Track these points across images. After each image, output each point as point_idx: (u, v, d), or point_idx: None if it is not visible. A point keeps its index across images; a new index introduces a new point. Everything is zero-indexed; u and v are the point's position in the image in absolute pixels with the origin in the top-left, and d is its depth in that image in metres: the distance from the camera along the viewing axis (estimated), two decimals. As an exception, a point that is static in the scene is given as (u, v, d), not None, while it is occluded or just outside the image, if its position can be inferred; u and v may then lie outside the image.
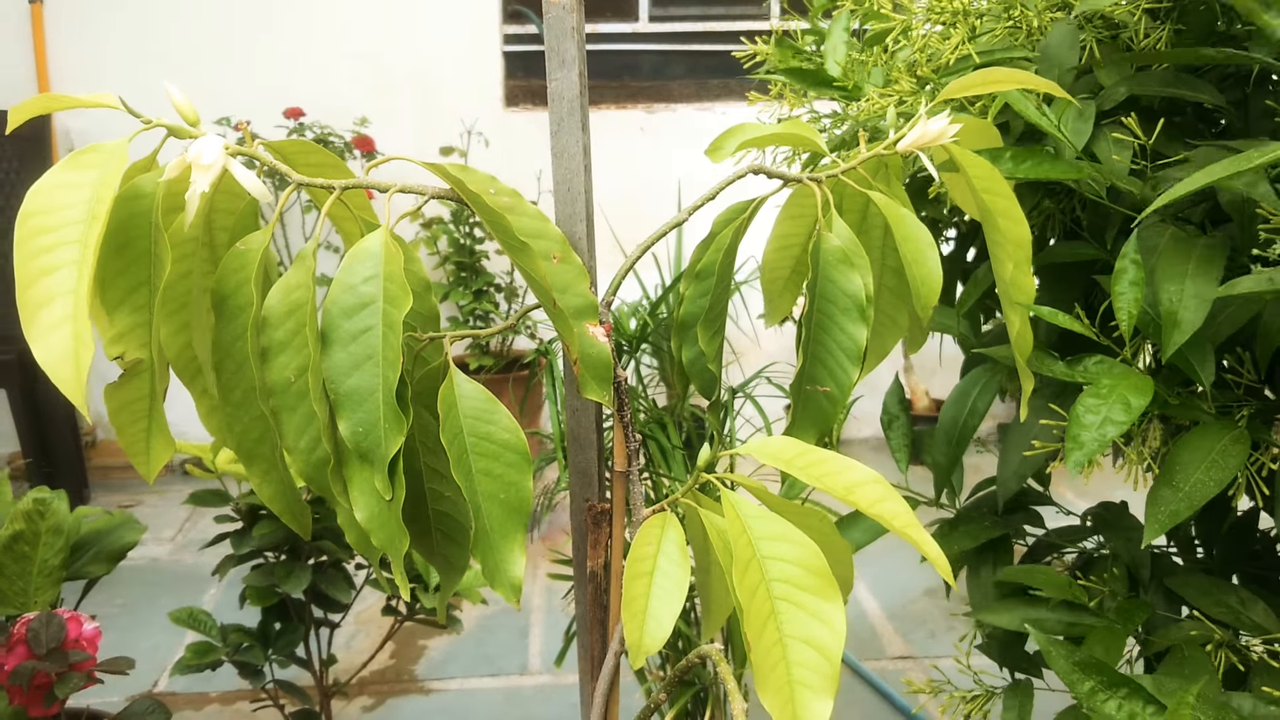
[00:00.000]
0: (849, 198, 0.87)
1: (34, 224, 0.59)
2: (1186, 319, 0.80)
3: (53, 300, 0.58)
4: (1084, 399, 0.82)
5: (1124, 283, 0.83)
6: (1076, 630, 0.97)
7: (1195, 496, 0.79)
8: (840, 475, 0.67)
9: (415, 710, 2.19)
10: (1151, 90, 0.90)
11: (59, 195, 0.60)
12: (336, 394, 0.65)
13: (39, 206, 0.59)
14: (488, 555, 0.70)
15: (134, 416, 0.71)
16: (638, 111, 3.72)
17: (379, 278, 0.66)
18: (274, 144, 0.71)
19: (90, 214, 0.59)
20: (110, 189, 0.60)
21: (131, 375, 0.69)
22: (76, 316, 0.58)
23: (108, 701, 1.76)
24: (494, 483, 0.70)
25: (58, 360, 0.57)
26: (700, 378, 0.86)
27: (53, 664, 1.21)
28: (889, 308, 0.91)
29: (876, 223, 0.86)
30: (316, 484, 0.69)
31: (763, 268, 0.92)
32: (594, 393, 0.74)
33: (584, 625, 0.85)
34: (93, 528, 1.43)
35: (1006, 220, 0.78)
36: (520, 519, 0.71)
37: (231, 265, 0.67)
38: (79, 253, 0.59)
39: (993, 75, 0.75)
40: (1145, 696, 0.80)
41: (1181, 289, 0.81)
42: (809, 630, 0.63)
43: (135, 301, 0.67)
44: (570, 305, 0.73)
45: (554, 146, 0.78)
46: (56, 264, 0.58)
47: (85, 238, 0.59)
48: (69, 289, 0.58)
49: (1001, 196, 0.77)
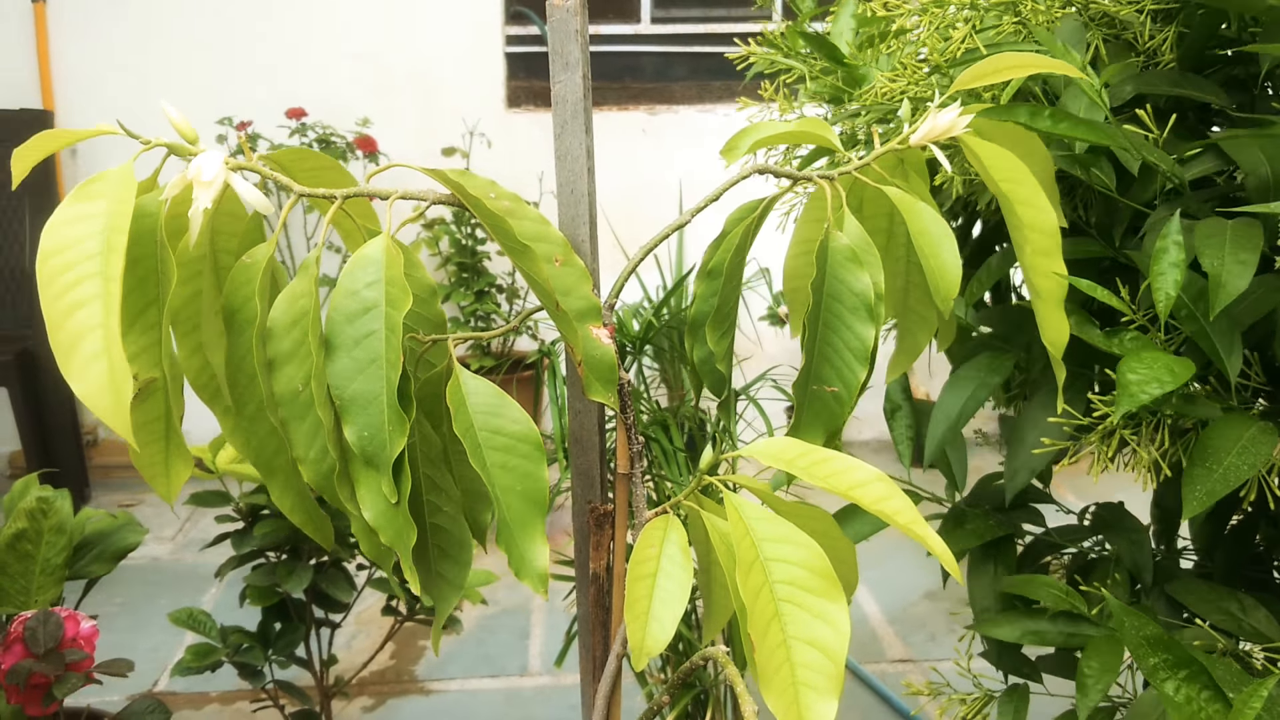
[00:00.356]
0: (870, 200, 0.87)
1: (54, 264, 0.59)
2: (1231, 281, 0.79)
3: (84, 337, 0.58)
4: (1128, 361, 0.81)
5: (1164, 263, 0.81)
6: (1076, 641, 0.97)
7: (1230, 476, 0.78)
8: (844, 475, 0.67)
9: (415, 711, 2.19)
10: (1159, 90, 0.89)
11: (73, 229, 0.60)
12: (341, 399, 0.65)
13: (56, 245, 0.60)
14: (512, 547, 0.71)
15: (151, 437, 0.71)
16: (640, 113, 3.72)
17: (381, 282, 0.66)
18: (271, 155, 0.71)
19: (107, 245, 0.59)
20: (124, 218, 0.60)
21: (146, 395, 0.69)
22: (110, 349, 0.58)
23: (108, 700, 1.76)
24: (510, 475, 0.70)
25: (97, 393, 0.58)
26: (710, 377, 0.86)
27: (50, 664, 1.21)
28: (919, 305, 0.90)
29: (904, 222, 0.86)
30: (327, 493, 0.69)
31: (785, 275, 0.91)
32: (599, 394, 0.74)
33: (586, 627, 0.85)
34: (96, 529, 1.43)
35: (1026, 207, 0.77)
36: (538, 509, 0.71)
37: (238, 279, 0.67)
38: (101, 285, 0.59)
39: (1007, 60, 0.74)
40: (1206, 682, 0.79)
41: (1222, 255, 0.80)
42: (813, 631, 0.63)
43: (146, 321, 0.67)
44: (573, 308, 0.74)
45: (557, 149, 0.78)
46: (82, 300, 0.59)
47: (106, 270, 0.59)
48: (98, 323, 0.58)
49: (1023, 185, 0.76)
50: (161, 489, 0.73)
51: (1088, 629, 0.97)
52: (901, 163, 0.87)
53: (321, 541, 0.77)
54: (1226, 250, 0.81)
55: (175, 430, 0.71)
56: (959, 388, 1.03)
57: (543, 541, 0.71)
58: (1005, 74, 0.76)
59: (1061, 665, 1.10)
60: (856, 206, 0.88)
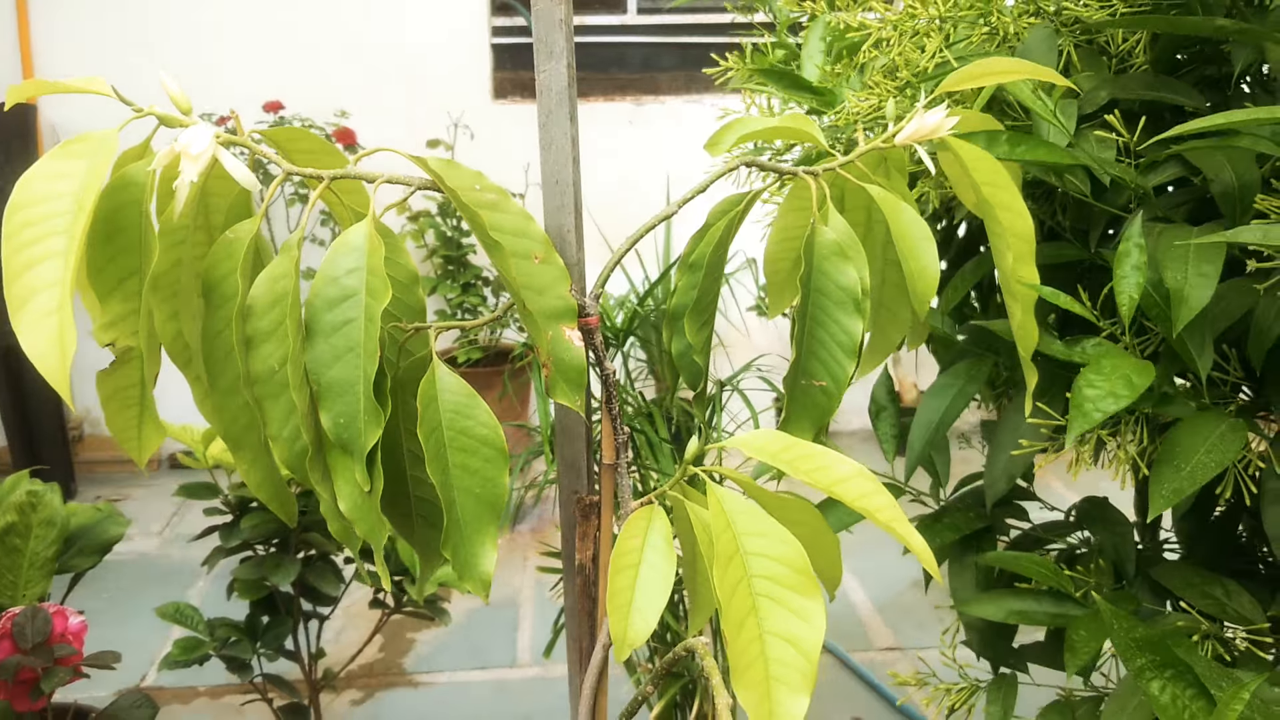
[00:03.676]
0: (851, 194, 0.87)
1: (21, 217, 0.59)
2: (1194, 295, 0.80)
3: (39, 293, 0.58)
4: (1086, 374, 0.82)
5: (1126, 266, 0.82)
6: (1061, 621, 0.97)
7: (1197, 475, 0.79)
8: (827, 470, 0.67)
9: (404, 703, 2.19)
10: (1132, 94, 0.90)
11: (47, 185, 0.60)
12: (319, 385, 0.65)
13: (26, 198, 0.60)
14: (459, 549, 0.71)
15: (125, 403, 0.71)
16: (626, 104, 3.71)
17: (362, 270, 0.66)
18: (266, 132, 0.71)
19: (77, 205, 0.59)
20: (98, 179, 0.60)
21: (123, 363, 0.69)
22: (62, 308, 0.58)
23: (94, 696, 1.76)
24: (470, 477, 0.71)
25: (44, 351, 0.58)
26: (688, 370, 0.86)
27: (38, 658, 1.20)
28: (893, 303, 0.91)
29: (881, 217, 0.86)
30: (299, 472, 0.69)
31: (765, 259, 0.92)
32: (564, 396, 0.74)
33: (572, 617, 0.85)
34: (80, 522, 1.42)
35: (1008, 213, 0.77)
36: (493, 513, 0.71)
37: (220, 254, 0.67)
38: (65, 244, 0.59)
39: (993, 65, 0.75)
40: (1191, 681, 0.80)
41: (1185, 269, 0.81)
42: (788, 627, 0.63)
43: (126, 290, 0.67)
44: (547, 307, 0.73)
45: (542, 138, 0.78)
46: (43, 255, 0.59)
47: (71, 229, 0.59)
48: (55, 280, 0.58)
49: (1002, 189, 0.77)
50: (134, 452, 0.73)
51: (1074, 609, 0.97)
52: (884, 160, 0.87)
53: (286, 519, 0.78)
54: (1190, 264, 0.82)
55: (149, 398, 0.72)
56: (939, 395, 1.04)
57: (492, 546, 0.71)
58: (990, 79, 0.77)
59: (1046, 654, 1.10)
60: (838, 200, 0.88)
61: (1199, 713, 0.79)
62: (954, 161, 0.79)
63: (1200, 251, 0.81)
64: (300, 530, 1.61)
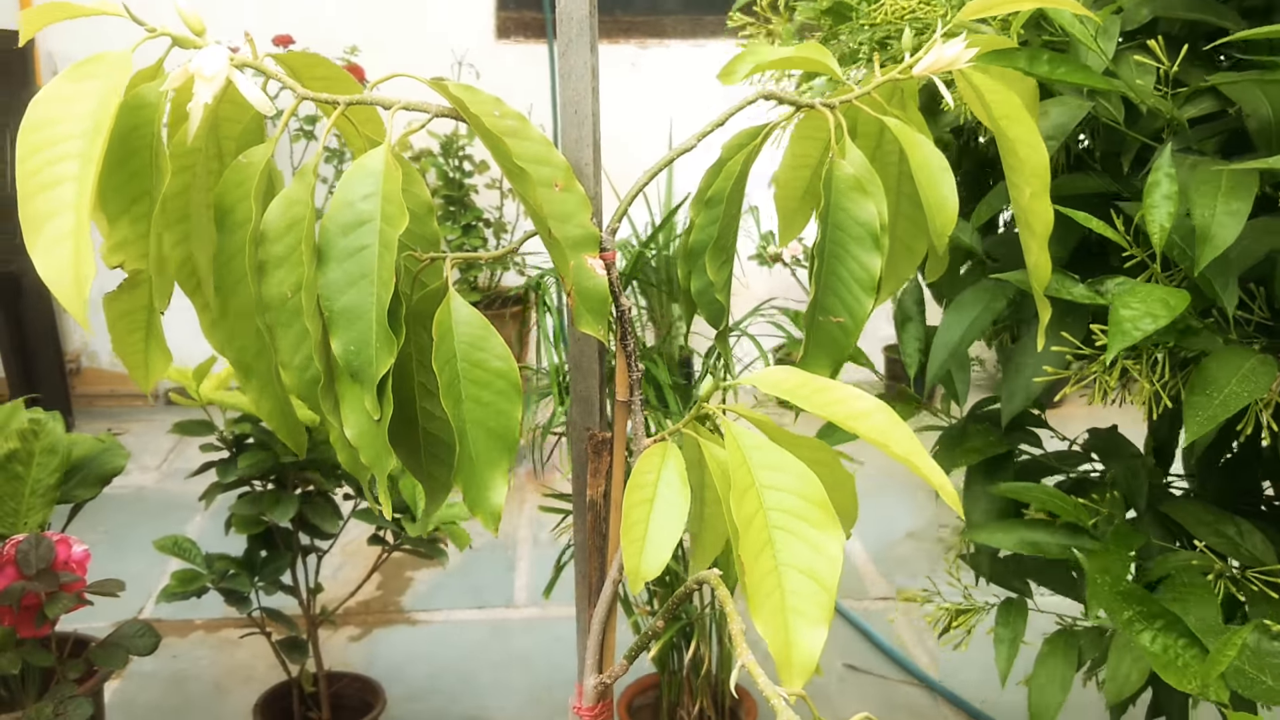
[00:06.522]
0: (863, 123, 0.86)
1: (36, 138, 0.58)
2: (1219, 234, 0.79)
3: (55, 216, 0.57)
4: (1122, 298, 0.81)
5: (1156, 196, 0.81)
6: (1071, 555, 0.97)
7: (1230, 403, 0.79)
8: (844, 404, 0.67)
9: (401, 640, 2.21)
10: (1174, 12, 0.88)
11: (61, 107, 0.59)
12: (331, 311, 0.65)
13: (41, 119, 0.58)
14: (470, 481, 0.70)
15: (132, 326, 0.71)
16: (630, 47, 3.66)
17: (378, 195, 0.65)
18: (280, 56, 0.70)
19: (94, 125, 0.58)
20: (114, 99, 0.59)
21: (131, 286, 0.69)
22: (78, 231, 0.57)
23: (94, 627, 1.76)
24: (483, 410, 0.70)
25: (59, 274, 0.57)
26: (709, 308, 0.85)
27: (42, 584, 1.21)
28: (906, 235, 0.90)
29: (892, 149, 0.85)
30: (309, 400, 0.69)
31: (776, 186, 0.91)
32: (588, 326, 0.73)
33: (582, 553, 0.85)
34: (82, 453, 1.42)
35: (1025, 147, 0.76)
36: (506, 448, 0.70)
37: (233, 179, 0.66)
38: (80, 167, 0.58)
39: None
40: (1182, 631, 0.80)
41: (1214, 206, 0.80)
42: (806, 559, 0.63)
43: (136, 212, 0.66)
44: (570, 235, 0.72)
45: (561, 68, 0.77)
46: (58, 178, 0.58)
47: (87, 151, 0.58)
48: (70, 203, 0.57)
49: (1019, 122, 0.76)
50: (139, 378, 0.73)
51: (1088, 542, 0.97)
52: (900, 91, 0.86)
53: (295, 448, 0.77)
54: (1219, 201, 0.81)
55: (156, 323, 0.71)
56: (962, 312, 1.01)
57: (504, 480, 0.70)
58: (1018, 4, 0.75)
59: (1050, 577, 1.10)
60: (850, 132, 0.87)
61: (1191, 661, 0.79)
62: (971, 94, 0.77)
63: (1231, 187, 0.80)
64: (297, 467, 1.60)
